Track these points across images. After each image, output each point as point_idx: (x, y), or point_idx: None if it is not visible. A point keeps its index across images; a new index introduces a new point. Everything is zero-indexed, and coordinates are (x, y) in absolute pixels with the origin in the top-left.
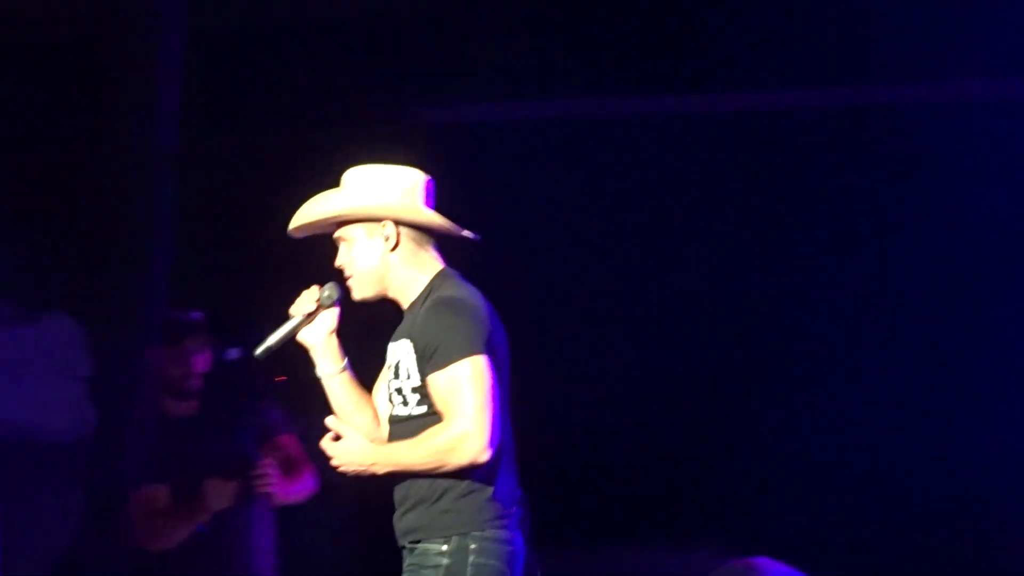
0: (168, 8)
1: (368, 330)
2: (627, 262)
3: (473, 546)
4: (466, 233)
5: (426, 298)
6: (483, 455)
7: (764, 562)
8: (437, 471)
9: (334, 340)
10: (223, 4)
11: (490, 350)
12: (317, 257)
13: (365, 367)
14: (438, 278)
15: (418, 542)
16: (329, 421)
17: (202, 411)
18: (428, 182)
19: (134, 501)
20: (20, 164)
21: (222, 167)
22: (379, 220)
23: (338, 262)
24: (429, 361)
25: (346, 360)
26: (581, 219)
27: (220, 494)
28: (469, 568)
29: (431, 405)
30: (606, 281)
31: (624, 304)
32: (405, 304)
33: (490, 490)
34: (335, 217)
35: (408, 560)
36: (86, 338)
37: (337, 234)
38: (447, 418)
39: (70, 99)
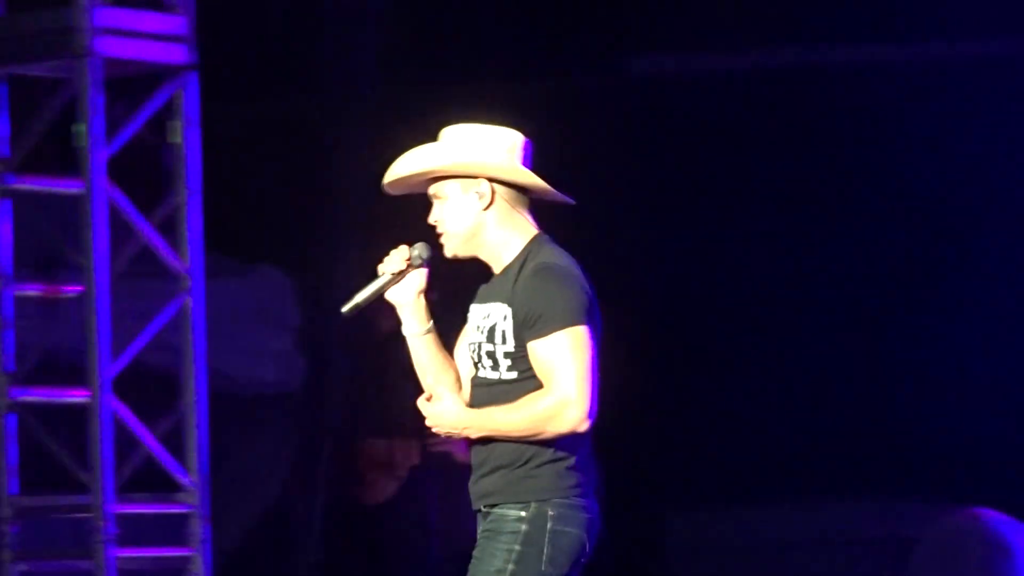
0: None
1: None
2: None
3: (552, 512)
4: (563, 196)
5: (523, 262)
6: (583, 424)
7: (988, 513)
8: (533, 438)
9: (422, 300)
10: None
11: (591, 321)
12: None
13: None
14: (534, 243)
15: (494, 506)
16: (427, 391)
17: None
18: (526, 143)
19: (361, 454)
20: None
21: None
22: (474, 177)
23: (431, 218)
24: (531, 328)
25: (431, 322)
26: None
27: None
28: (548, 535)
29: (522, 371)
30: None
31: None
32: (497, 266)
33: (573, 459)
34: (430, 172)
35: (484, 525)
36: (294, 290)
37: (431, 190)
38: (548, 385)
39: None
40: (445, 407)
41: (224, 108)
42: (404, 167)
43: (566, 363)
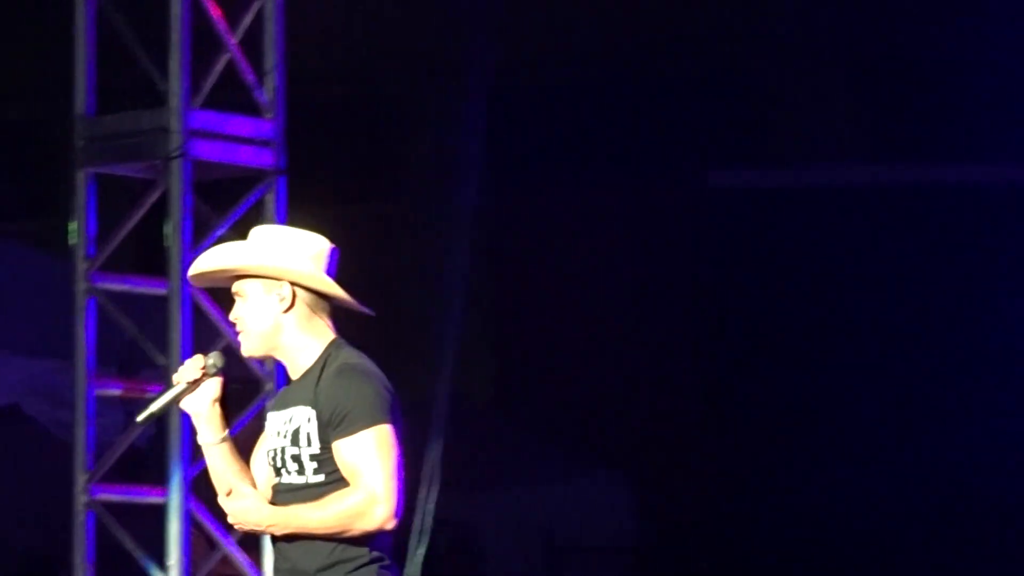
0: (473, 67)
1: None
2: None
3: None
4: (362, 307)
5: (323, 365)
6: (390, 522)
7: None
8: (339, 535)
9: (217, 409)
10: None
11: (395, 419)
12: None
13: None
14: (332, 346)
15: None
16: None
17: None
18: (332, 251)
19: None
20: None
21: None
22: (277, 279)
23: (232, 315)
24: (337, 428)
25: (227, 431)
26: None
27: None
28: None
29: (329, 473)
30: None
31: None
32: (295, 370)
33: (387, 559)
34: (234, 270)
35: None
36: None
37: (235, 287)
38: (355, 483)
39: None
40: (248, 503)
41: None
42: (209, 262)
43: (373, 461)
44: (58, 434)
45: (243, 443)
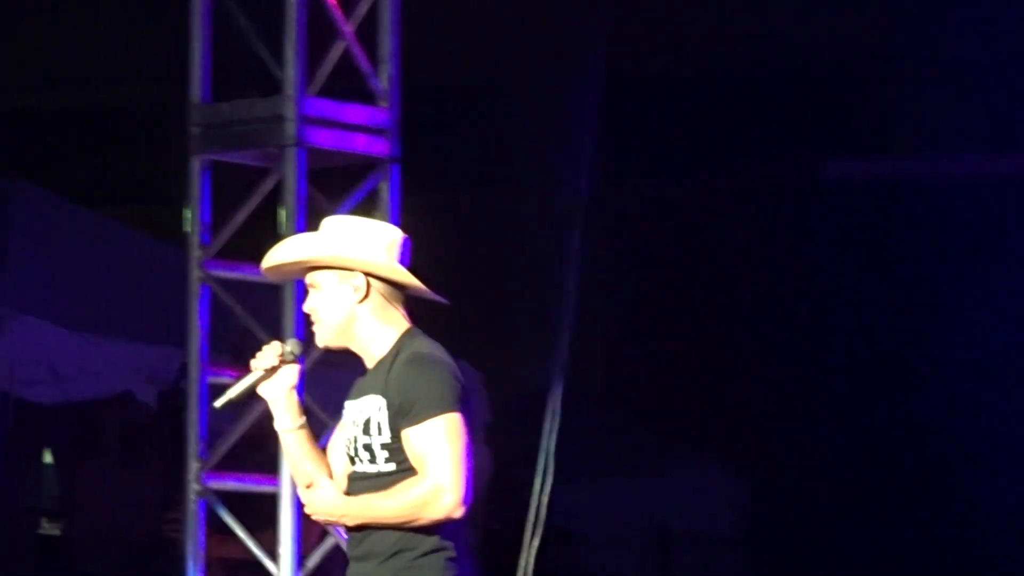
0: (587, 57)
1: None
2: None
3: None
4: (437, 296)
5: (396, 355)
6: (458, 511)
7: None
8: (409, 524)
9: (294, 395)
10: (638, 57)
11: (465, 408)
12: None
13: None
14: (406, 336)
15: None
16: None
17: None
18: (404, 240)
19: None
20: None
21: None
22: (351, 270)
23: (306, 307)
24: (406, 416)
25: (303, 417)
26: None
27: None
28: None
29: (400, 462)
30: None
31: None
32: (369, 360)
33: (454, 550)
34: (308, 261)
35: None
36: (482, 386)
37: (308, 279)
38: (422, 472)
39: (488, 141)
40: (323, 494)
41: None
42: (283, 255)
43: (440, 450)
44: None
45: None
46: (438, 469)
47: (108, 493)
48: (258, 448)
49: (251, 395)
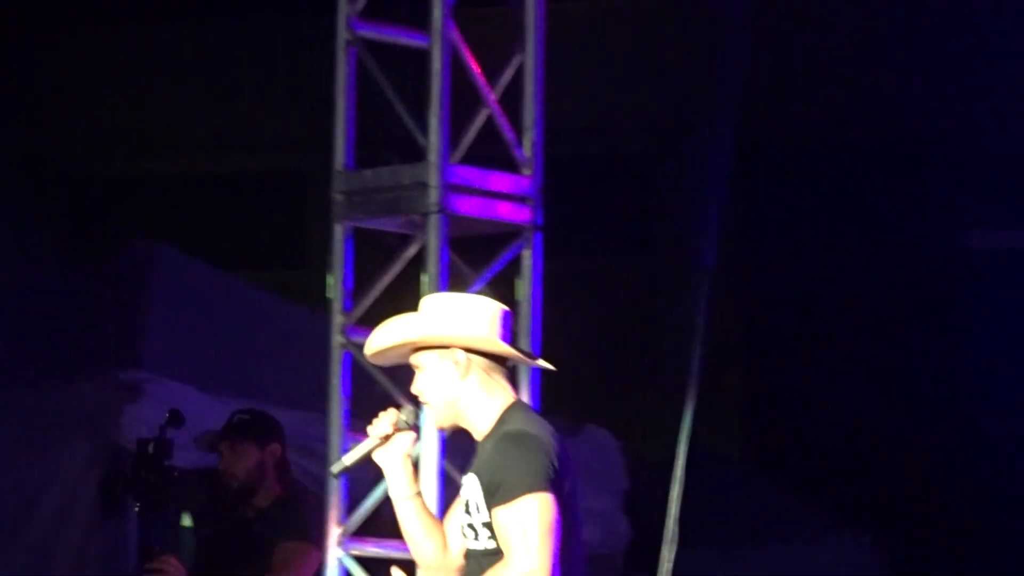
0: (718, 127)
1: None
2: None
3: None
4: (542, 363)
5: (495, 432)
6: None
7: None
8: None
9: (408, 464)
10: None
11: (556, 486)
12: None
13: None
14: (509, 411)
15: None
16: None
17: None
18: (505, 313)
19: None
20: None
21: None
22: (448, 347)
23: (413, 388)
24: (494, 496)
25: (418, 484)
26: None
27: None
28: None
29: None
30: None
31: None
32: (477, 435)
33: None
34: (404, 343)
35: None
36: (619, 451)
37: (413, 360)
38: (508, 556)
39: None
40: None
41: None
42: (381, 339)
43: (524, 534)
44: (310, 486)
45: None
46: (521, 554)
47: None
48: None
49: (367, 462)
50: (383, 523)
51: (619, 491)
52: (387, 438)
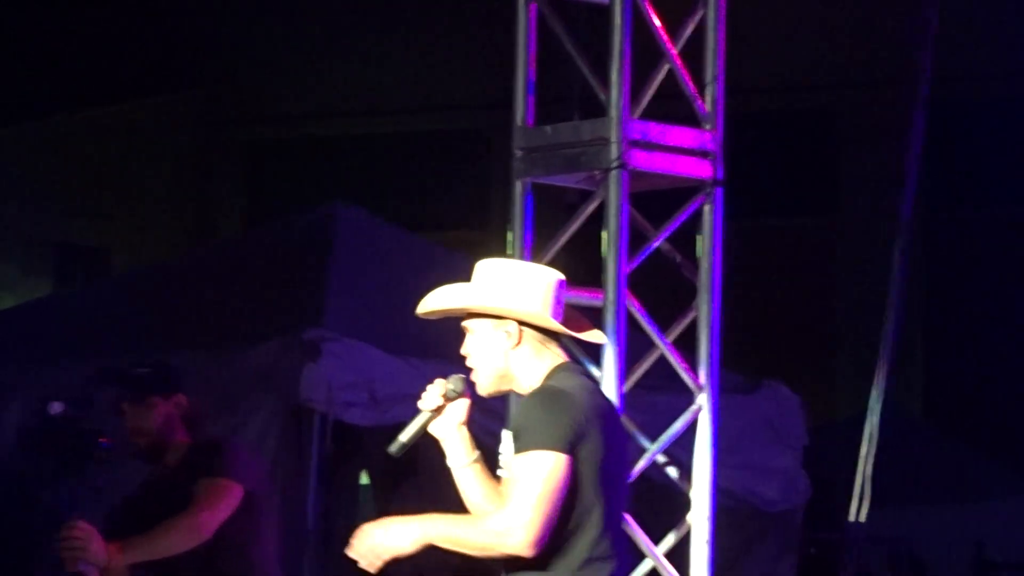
0: (914, 80)
1: None
2: None
3: None
4: (587, 336)
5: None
6: (527, 551)
7: None
8: (483, 554)
9: (464, 432)
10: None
11: (578, 448)
12: None
13: None
14: (555, 370)
15: None
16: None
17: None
18: (560, 283)
19: None
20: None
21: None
22: (502, 318)
23: (463, 350)
24: (515, 444)
25: (477, 451)
26: None
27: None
28: None
29: None
30: None
31: None
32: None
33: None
34: (461, 310)
35: None
36: (800, 408)
37: (464, 323)
38: (505, 504)
39: (808, 166)
40: (392, 528)
41: (742, 224)
42: (434, 303)
43: (525, 486)
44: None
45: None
46: (517, 505)
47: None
48: None
49: (424, 436)
50: None
51: (799, 447)
52: (439, 410)
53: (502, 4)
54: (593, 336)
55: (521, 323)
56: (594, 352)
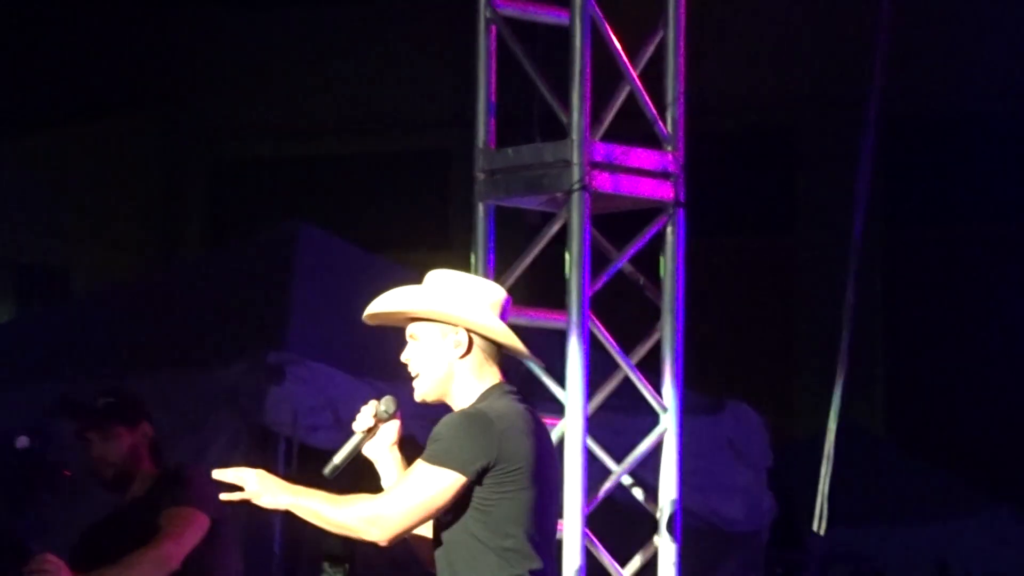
0: (867, 101)
1: None
2: None
3: None
4: (533, 357)
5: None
6: (381, 540)
7: None
8: (343, 532)
9: (395, 452)
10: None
11: (476, 470)
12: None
13: None
14: (490, 390)
15: None
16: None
17: None
18: (507, 300)
19: None
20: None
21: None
22: (455, 325)
23: (404, 357)
24: (426, 449)
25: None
26: None
27: None
28: None
29: (455, 511)
30: None
31: None
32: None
33: None
34: (414, 313)
35: None
36: (763, 428)
37: (409, 330)
38: (383, 495)
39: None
40: (269, 484)
41: (702, 244)
42: (387, 304)
43: (407, 489)
44: None
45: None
46: (392, 502)
47: None
48: None
49: (356, 457)
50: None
51: (763, 467)
52: (371, 431)
53: (462, 24)
54: (533, 355)
55: (471, 334)
56: (559, 374)
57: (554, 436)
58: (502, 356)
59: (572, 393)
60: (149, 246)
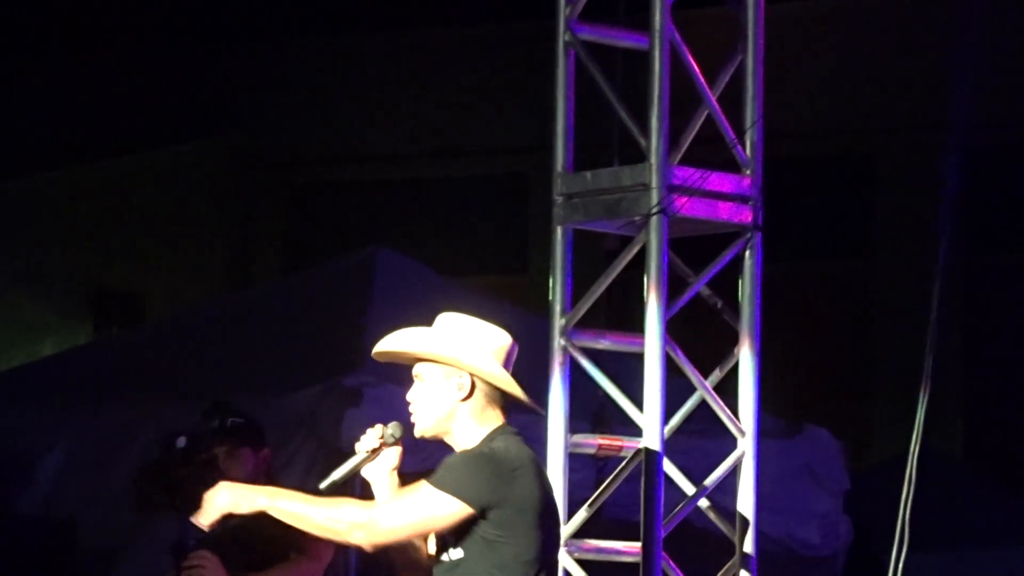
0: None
1: None
2: None
3: None
4: (535, 406)
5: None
6: (366, 545)
7: None
8: (321, 533)
9: (395, 477)
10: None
11: (482, 504)
12: None
13: None
14: (494, 432)
15: None
16: None
17: None
18: (512, 346)
19: None
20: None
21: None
22: (459, 369)
23: (409, 396)
24: (434, 473)
25: None
26: None
27: None
28: None
29: (468, 548)
30: None
31: None
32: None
33: None
34: (420, 355)
35: None
36: (841, 453)
37: (416, 369)
38: (382, 504)
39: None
40: (236, 492)
41: (779, 268)
42: (395, 344)
43: (411, 507)
44: None
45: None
46: (390, 514)
47: None
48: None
49: (355, 476)
50: (603, 524)
51: (840, 492)
52: (375, 452)
53: (541, 49)
54: (534, 403)
55: (474, 377)
56: (637, 398)
57: (632, 460)
58: (505, 399)
59: (650, 417)
60: (225, 271)
